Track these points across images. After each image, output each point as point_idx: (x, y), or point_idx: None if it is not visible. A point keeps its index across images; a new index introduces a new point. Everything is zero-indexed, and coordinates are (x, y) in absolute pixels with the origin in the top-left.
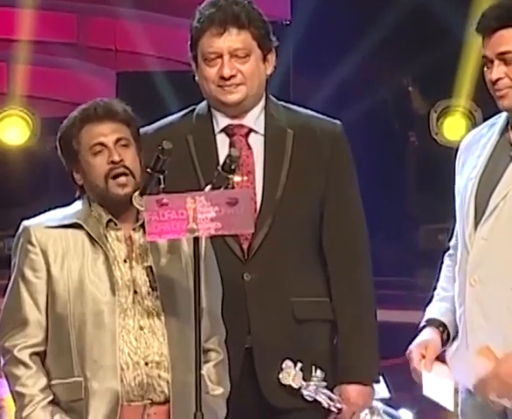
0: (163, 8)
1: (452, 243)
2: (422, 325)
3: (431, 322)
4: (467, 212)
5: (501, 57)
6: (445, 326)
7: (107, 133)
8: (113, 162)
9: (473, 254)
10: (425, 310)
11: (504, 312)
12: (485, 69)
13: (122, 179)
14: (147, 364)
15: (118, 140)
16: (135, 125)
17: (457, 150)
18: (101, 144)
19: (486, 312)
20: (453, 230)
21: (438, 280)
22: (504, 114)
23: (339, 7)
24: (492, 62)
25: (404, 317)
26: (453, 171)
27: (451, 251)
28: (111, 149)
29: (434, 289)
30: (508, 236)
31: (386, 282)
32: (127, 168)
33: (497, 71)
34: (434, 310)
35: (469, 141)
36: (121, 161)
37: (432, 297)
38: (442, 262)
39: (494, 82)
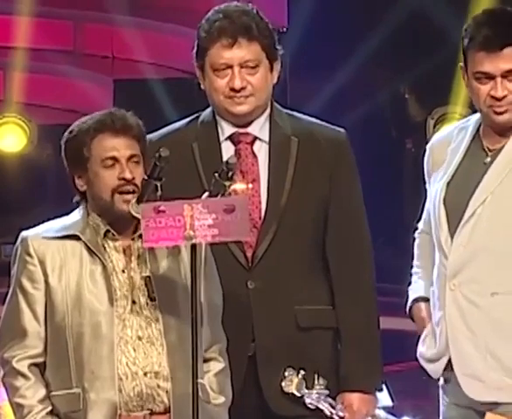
0: (160, 15)
1: (420, 226)
2: (413, 300)
3: (422, 299)
4: (439, 218)
5: (506, 74)
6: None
7: (120, 147)
8: (124, 179)
9: (451, 260)
10: (408, 287)
11: (484, 319)
12: (476, 84)
13: (129, 196)
14: (146, 374)
15: (131, 156)
16: (145, 140)
17: (425, 151)
18: (114, 158)
19: (466, 318)
20: (420, 217)
21: (413, 259)
22: (474, 119)
23: (336, 14)
24: (491, 78)
25: (400, 324)
26: (422, 172)
27: (418, 230)
28: (123, 165)
29: (411, 267)
30: (487, 242)
31: (383, 288)
32: (136, 185)
33: (503, 87)
34: (420, 287)
35: (439, 144)
36: (133, 178)
37: (411, 275)
38: (413, 239)
39: (500, 99)
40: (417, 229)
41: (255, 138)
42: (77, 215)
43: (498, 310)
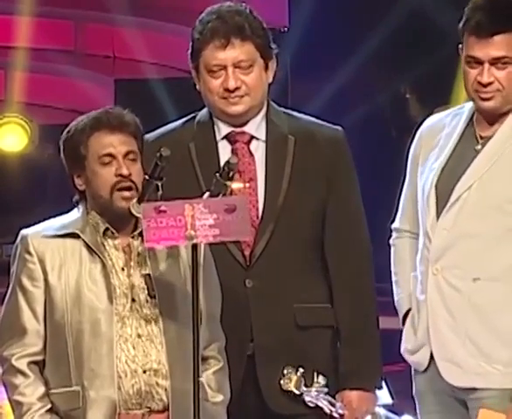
0: (161, 15)
1: (395, 226)
2: (404, 314)
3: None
4: (428, 202)
5: (495, 61)
6: None
7: (117, 144)
8: (121, 175)
9: (435, 244)
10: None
11: (465, 304)
12: (466, 67)
13: (127, 193)
14: (145, 372)
15: (127, 153)
16: (142, 137)
17: (414, 135)
18: (111, 155)
19: (447, 303)
20: (396, 213)
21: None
22: (468, 106)
23: (336, 14)
24: (480, 63)
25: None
26: (407, 156)
27: (395, 235)
28: (120, 162)
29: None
30: (471, 227)
31: (384, 288)
32: (133, 182)
33: (489, 74)
34: (406, 299)
35: (430, 129)
36: (130, 174)
37: (392, 283)
38: (389, 246)
39: (485, 85)
40: (391, 232)
41: (252, 137)
42: (76, 213)
43: (479, 296)
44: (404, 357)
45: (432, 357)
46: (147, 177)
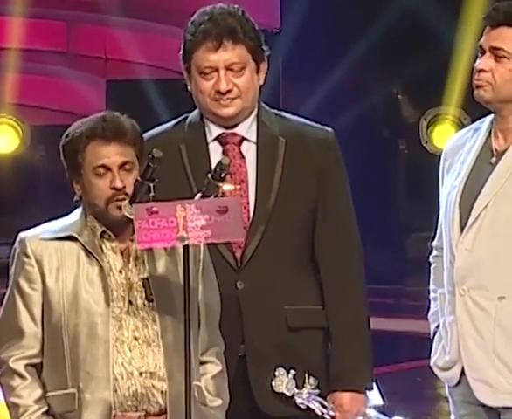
0: (153, 16)
1: (434, 243)
2: (436, 326)
3: None
4: (452, 221)
5: (494, 51)
6: None
7: (112, 155)
8: (115, 188)
9: (458, 264)
10: (427, 314)
11: (491, 323)
12: (478, 58)
13: (121, 202)
14: (141, 374)
15: (123, 164)
16: (141, 142)
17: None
18: (105, 167)
19: (475, 323)
20: (436, 231)
21: (429, 283)
22: (488, 119)
23: (328, 16)
24: (485, 52)
25: (393, 325)
26: (438, 175)
27: (434, 253)
28: (114, 174)
29: (428, 292)
30: (490, 246)
31: (376, 290)
32: (127, 194)
33: (485, 62)
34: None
35: (454, 146)
36: (124, 187)
37: (430, 300)
38: (429, 264)
39: (478, 71)
40: (431, 250)
41: (243, 139)
42: (76, 215)
43: (505, 314)
44: (433, 371)
45: (463, 372)
46: (139, 179)
